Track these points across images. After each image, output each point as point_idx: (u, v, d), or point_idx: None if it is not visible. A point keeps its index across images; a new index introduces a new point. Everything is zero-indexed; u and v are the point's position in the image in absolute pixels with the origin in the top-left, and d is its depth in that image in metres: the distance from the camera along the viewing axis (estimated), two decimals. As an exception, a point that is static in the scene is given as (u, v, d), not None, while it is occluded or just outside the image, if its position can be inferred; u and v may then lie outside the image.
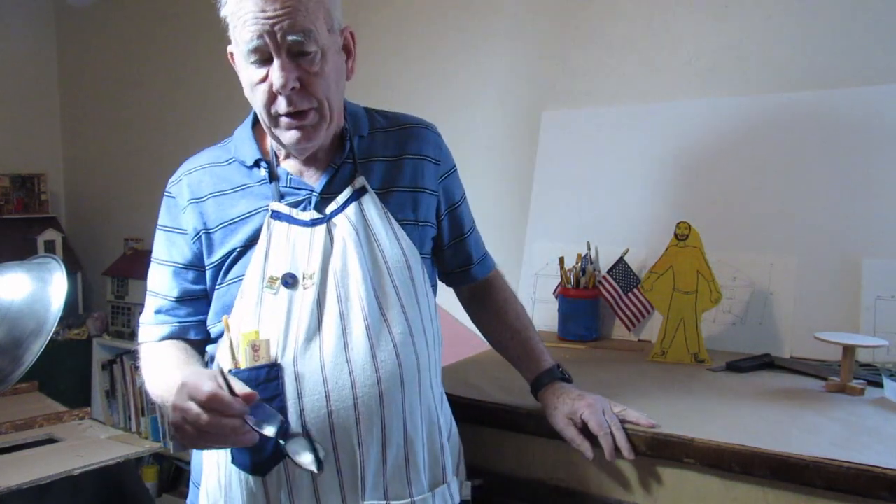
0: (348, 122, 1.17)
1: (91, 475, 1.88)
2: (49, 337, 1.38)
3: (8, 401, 2.37)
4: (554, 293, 2.01)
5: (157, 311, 1.17)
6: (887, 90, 1.71)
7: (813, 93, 1.80)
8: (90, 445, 2.02)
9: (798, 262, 1.74)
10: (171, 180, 1.19)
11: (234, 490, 1.04)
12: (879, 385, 1.40)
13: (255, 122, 1.19)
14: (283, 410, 1.01)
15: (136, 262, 3.22)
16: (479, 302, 1.39)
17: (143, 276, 3.08)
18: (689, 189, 1.92)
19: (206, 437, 0.90)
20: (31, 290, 1.42)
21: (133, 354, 3.16)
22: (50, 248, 3.33)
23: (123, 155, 3.53)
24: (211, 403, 0.88)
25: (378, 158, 1.17)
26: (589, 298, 1.91)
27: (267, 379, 1.02)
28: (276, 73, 1.01)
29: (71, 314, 3.33)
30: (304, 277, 1.06)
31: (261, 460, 1.02)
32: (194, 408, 0.88)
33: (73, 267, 3.36)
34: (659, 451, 1.18)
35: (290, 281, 1.05)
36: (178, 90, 3.27)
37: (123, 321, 3.21)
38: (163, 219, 1.18)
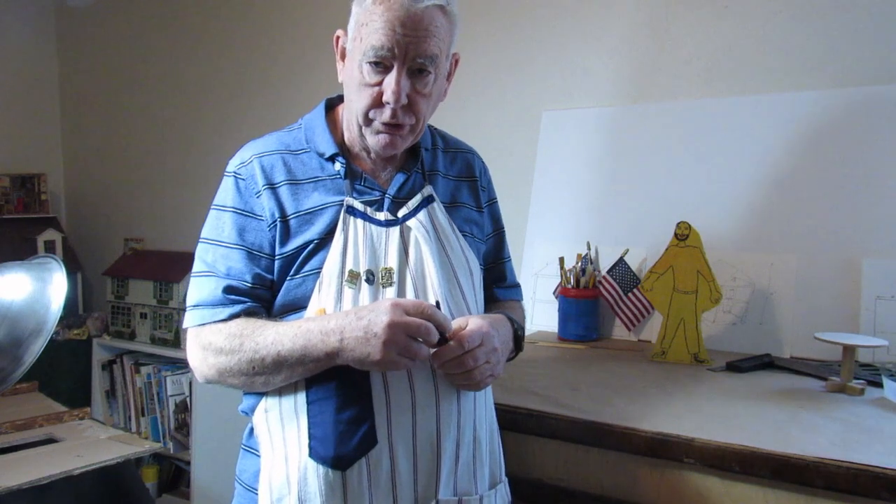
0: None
1: (91, 475, 1.87)
2: (49, 337, 1.38)
3: (8, 401, 2.37)
4: (554, 293, 2.01)
5: (227, 292, 1.08)
6: (886, 90, 1.71)
7: (812, 93, 1.80)
8: (90, 445, 2.01)
9: (798, 262, 1.74)
10: (236, 161, 1.14)
11: (309, 484, 1.03)
12: (879, 385, 1.40)
13: (326, 111, 1.19)
14: (369, 407, 1.03)
15: (136, 262, 3.22)
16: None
17: (142, 276, 3.13)
18: (688, 189, 1.92)
19: (418, 350, 0.98)
20: (31, 290, 1.42)
21: (133, 355, 3.17)
22: (50, 248, 3.32)
23: (123, 155, 3.53)
24: (433, 315, 0.98)
25: (440, 174, 1.21)
26: (589, 298, 1.91)
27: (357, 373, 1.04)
28: (392, 85, 1.04)
29: (71, 314, 3.32)
30: (381, 276, 1.09)
31: (344, 453, 1.03)
32: (416, 320, 0.97)
33: (73, 267, 3.35)
34: (659, 451, 1.18)
35: (370, 277, 1.08)
36: (178, 90, 3.27)
37: (123, 321, 3.21)
38: (231, 200, 1.12)
